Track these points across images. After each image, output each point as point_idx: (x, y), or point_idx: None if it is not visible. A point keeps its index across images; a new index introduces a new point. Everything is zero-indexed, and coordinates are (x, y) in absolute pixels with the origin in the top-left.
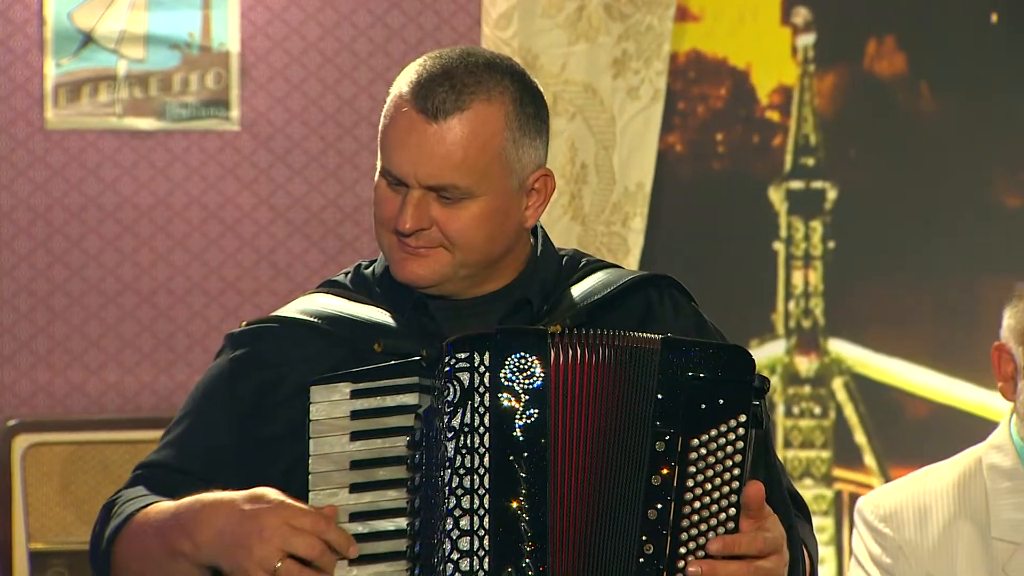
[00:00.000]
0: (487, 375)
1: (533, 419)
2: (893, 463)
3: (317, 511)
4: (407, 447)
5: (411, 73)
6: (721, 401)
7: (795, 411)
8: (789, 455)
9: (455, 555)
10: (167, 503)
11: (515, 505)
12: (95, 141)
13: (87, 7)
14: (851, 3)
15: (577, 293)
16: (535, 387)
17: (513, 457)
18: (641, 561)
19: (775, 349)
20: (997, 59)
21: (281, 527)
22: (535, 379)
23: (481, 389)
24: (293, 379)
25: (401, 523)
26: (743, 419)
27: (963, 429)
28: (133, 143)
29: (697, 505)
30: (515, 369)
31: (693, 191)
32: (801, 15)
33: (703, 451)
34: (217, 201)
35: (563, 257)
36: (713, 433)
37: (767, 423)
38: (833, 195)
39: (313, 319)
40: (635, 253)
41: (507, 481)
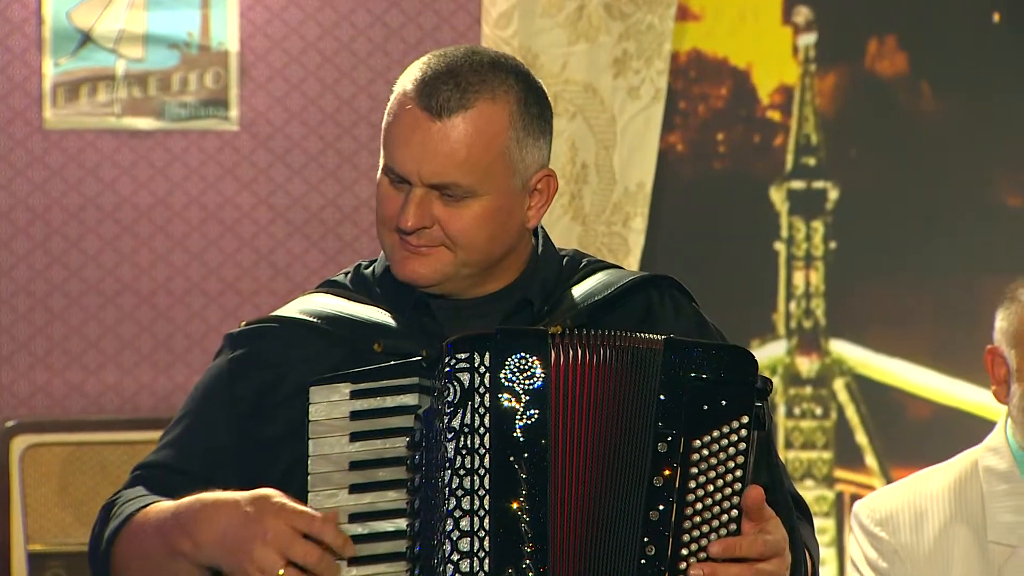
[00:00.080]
0: (487, 375)
1: (533, 420)
2: (894, 464)
3: (319, 514)
4: (407, 448)
5: (415, 71)
6: (723, 402)
7: (796, 412)
8: (790, 456)
9: (455, 556)
10: (167, 503)
11: (515, 506)
12: (94, 141)
13: (86, 6)
14: (852, 2)
15: (578, 294)
16: (535, 388)
17: (513, 458)
18: (643, 562)
19: (776, 350)
20: (999, 59)
21: (283, 530)
22: (535, 380)
23: (481, 390)
24: (293, 379)
25: (401, 524)
26: (745, 420)
27: (964, 430)
28: (132, 143)
29: (699, 506)
30: (515, 370)
31: (694, 191)
32: (802, 14)
33: (705, 452)
34: (216, 201)
35: (564, 257)
36: (715, 434)
37: (769, 424)
38: (834, 195)
39: (313, 319)
40: (636, 253)
41: (507, 482)
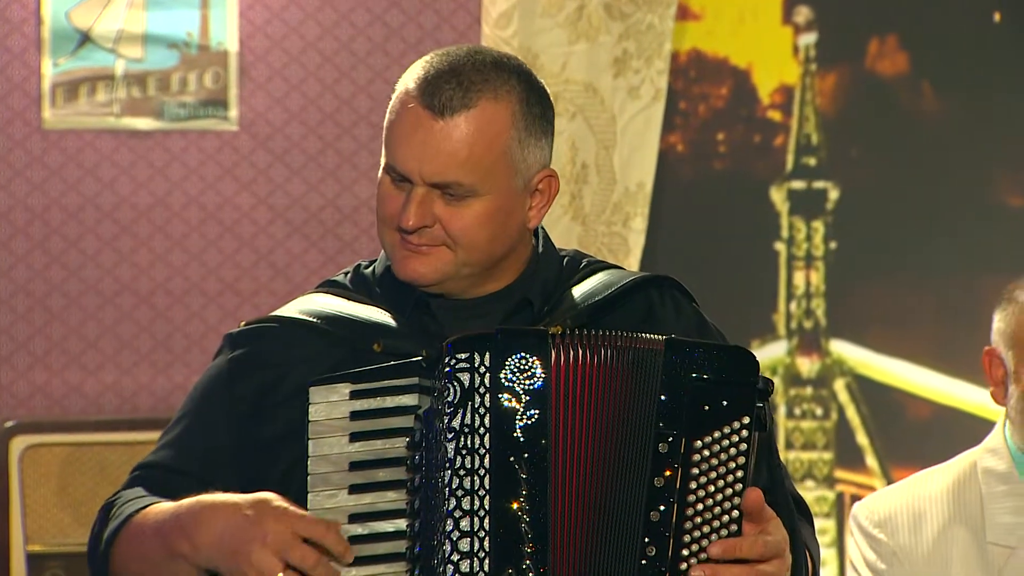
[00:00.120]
0: (487, 376)
1: (534, 420)
2: (895, 464)
3: (320, 520)
4: (407, 448)
5: (418, 70)
6: (725, 403)
7: (797, 412)
8: (791, 456)
9: (455, 556)
10: (166, 504)
11: (515, 506)
12: (93, 141)
13: (85, 6)
14: (853, 2)
15: (578, 294)
16: (536, 388)
17: (513, 458)
18: (643, 563)
19: (776, 350)
20: (1000, 59)
21: (283, 534)
22: (536, 380)
23: (481, 390)
24: (292, 379)
25: (401, 524)
26: (746, 421)
27: (965, 430)
28: (131, 143)
29: (700, 507)
30: (516, 370)
31: (694, 191)
32: (803, 14)
33: (706, 453)
34: (216, 201)
35: (564, 258)
36: (716, 435)
37: (770, 425)
38: (835, 195)
39: (312, 319)
40: (636, 253)
41: (507, 482)
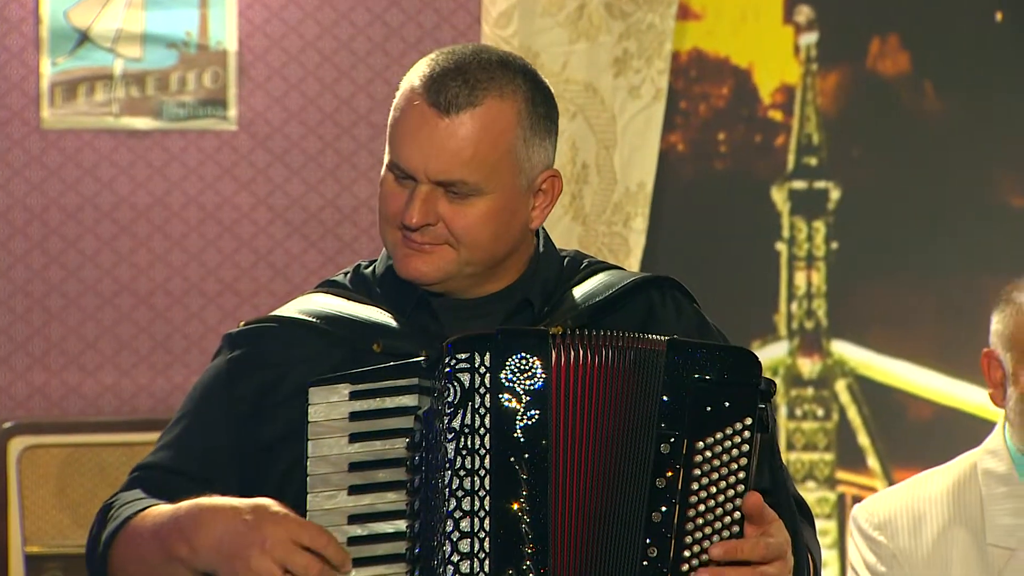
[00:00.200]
0: (488, 376)
1: (534, 420)
2: (897, 465)
3: (320, 528)
4: (406, 449)
5: (423, 67)
6: (727, 404)
7: (798, 413)
8: (792, 457)
9: (455, 557)
10: (165, 506)
11: (516, 507)
12: (91, 141)
13: (83, 6)
14: (854, 2)
15: (579, 294)
16: (536, 388)
17: (514, 458)
18: (645, 564)
19: (777, 351)
20: (1001, 58)
21: (283, 540)
22: (536, 380)
23: (482, 390)
24: (292, 380)
25: (400, 525)
26: (749, 422)
27: (967, 431)
28: (130, 143)
29: (702, 508)
30: (516, 370)
31: (695, 191)
32: (804, 13)
33: (708, 454)
34: (215, 201)
35: (564, 258)
36: (718, 436)
37: (772, 427)
38: (836, 195)
39: (312, 319)
40: (636, 253)
41: (508, 483)
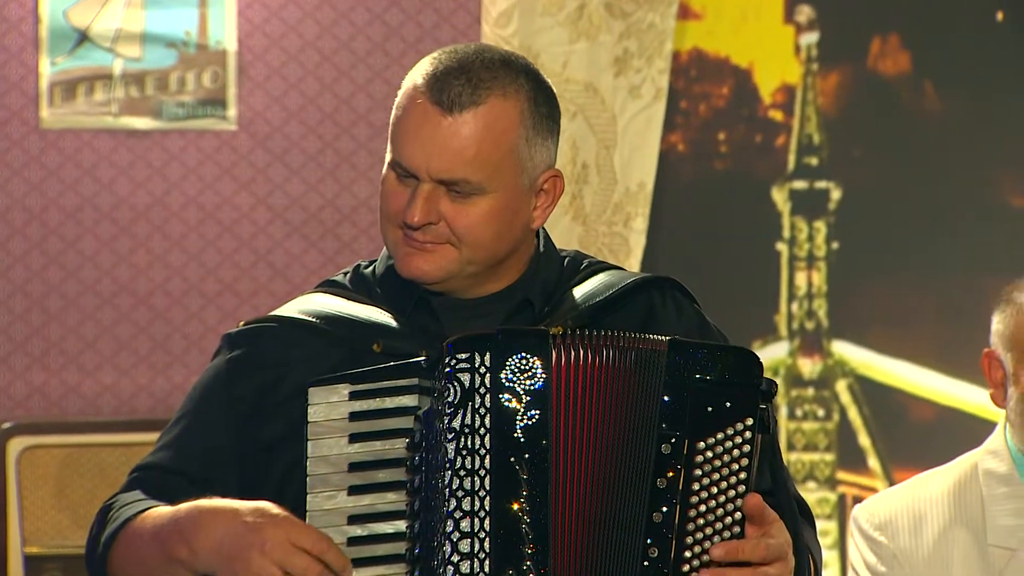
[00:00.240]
0: (488, 376)
1: (534, 420)
2: (897, 466)
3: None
4: (406, 449)
5: (426, 65)
6: (728, 404)
7: (798, 413)
8: (792, 458)
9: (455, 557)
10: (165, 508)
11: (516, 507)
12: (91, 141)
13: (83, 5)
14: (855, 1)
15: (579, 294)
16: (536, 388)
17: (514, 459)
18: (645, 564)
19: (778, 351)
20: (1003, 58)
21: (282, 543)
22: (536, 380)
23: (482, 390)
24: (292, 380)
25: (400, 526)
26: (750, 423)
27: (968, 431)
28: (129, 143)
29: (703, 509)
30: (516, 370)
31: (695, 191)
32: (804, 13)
33: (709, 455)
34: (214, 201)
35: (565, 258)
36: (719, 436)
37: (773, 427)
38: (837, 195)
39: (312, 319)
40: (636, 254)
41: (508, 483)
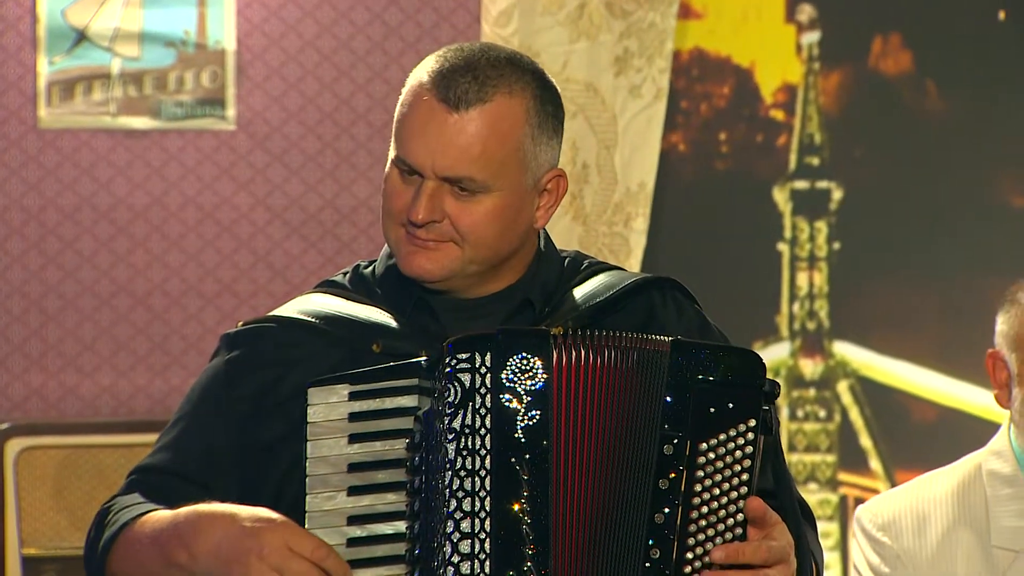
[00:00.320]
0: (488, 376)
1: (535, 421)
2: (899, 467)
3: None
4: (406, 449)
5: (432, 63)
6: (731, 405)
7: (800, 414)
8: (794, 459)
9: (455, 558)
10: (164, 512)
11: (516, 507)
12: (89, 140)
13: (81, 4)
14: (856, 1)
15: (579, 295)
16: (537, 388)
17: (515, 459)
18: (647, 565)
19: (779, 351)
20: (1004, 58)
21: (281, 548)
22: (537, 380)
23: (482, 390)
24: (291, 380)
25: (400, 526)
26: (753, 424)
27: (970, 432)
28: (127, 142)
29: (705, 510)
30: (517, 370)
31: (696, 191)
32: (806, 12)
33: (711, 456)
34: (213, 202)
35: (565, 259)
36: (722, 438)
37: (776, 428)
38: (838, 195)
39: (311, 319)
40: (637, 254)
41: (508, 483)
